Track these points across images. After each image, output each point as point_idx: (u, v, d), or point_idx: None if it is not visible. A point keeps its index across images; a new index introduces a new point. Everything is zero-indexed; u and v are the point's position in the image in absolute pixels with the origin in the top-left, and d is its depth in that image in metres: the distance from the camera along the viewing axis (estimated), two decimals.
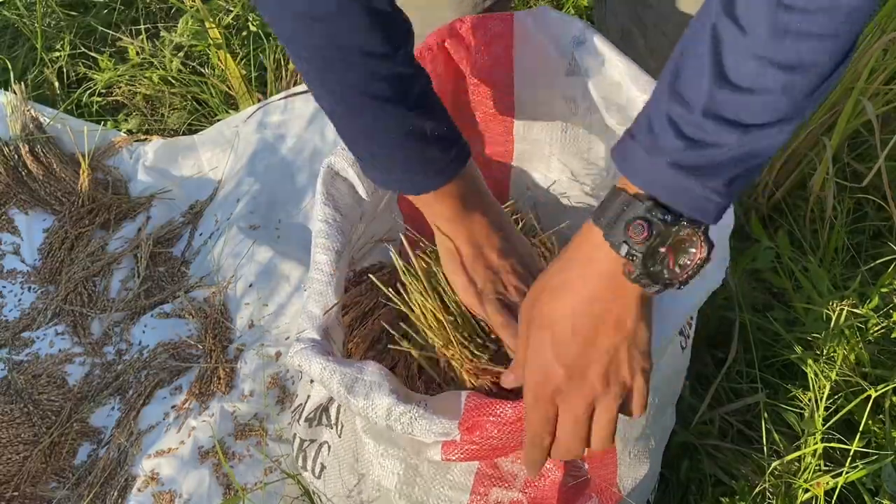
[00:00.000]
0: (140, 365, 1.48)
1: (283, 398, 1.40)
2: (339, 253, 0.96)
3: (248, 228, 1.63)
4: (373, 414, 0.85)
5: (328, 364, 0.87)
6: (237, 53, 1.96)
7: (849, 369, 1.27)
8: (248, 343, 1.47)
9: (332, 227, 0.97)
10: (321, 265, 0.95)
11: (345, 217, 0.99)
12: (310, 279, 0.95)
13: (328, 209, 0.98)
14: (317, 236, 0.97)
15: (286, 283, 1.53)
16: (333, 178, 1.01)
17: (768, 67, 0.66)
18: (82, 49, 2.01)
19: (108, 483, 1.33)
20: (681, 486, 1.28)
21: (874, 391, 1.15)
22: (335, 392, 0.86)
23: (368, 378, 0.86)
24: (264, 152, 1.76)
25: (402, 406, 0.84)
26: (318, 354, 0.87)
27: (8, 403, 1.41)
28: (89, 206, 1.71)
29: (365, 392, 0.85)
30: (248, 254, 1.57)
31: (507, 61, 1.08)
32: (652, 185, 0.72)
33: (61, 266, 1.64)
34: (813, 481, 1.14)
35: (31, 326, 1.56)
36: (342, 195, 1.01)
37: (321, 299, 0.93)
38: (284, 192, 1.71)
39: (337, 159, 1.01)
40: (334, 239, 0.96)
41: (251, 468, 1.32)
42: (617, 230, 0.73)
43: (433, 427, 0.83)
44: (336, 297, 0.94)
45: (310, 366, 0.87)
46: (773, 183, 1.60)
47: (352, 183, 1.02)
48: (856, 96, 1.45)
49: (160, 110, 1.94)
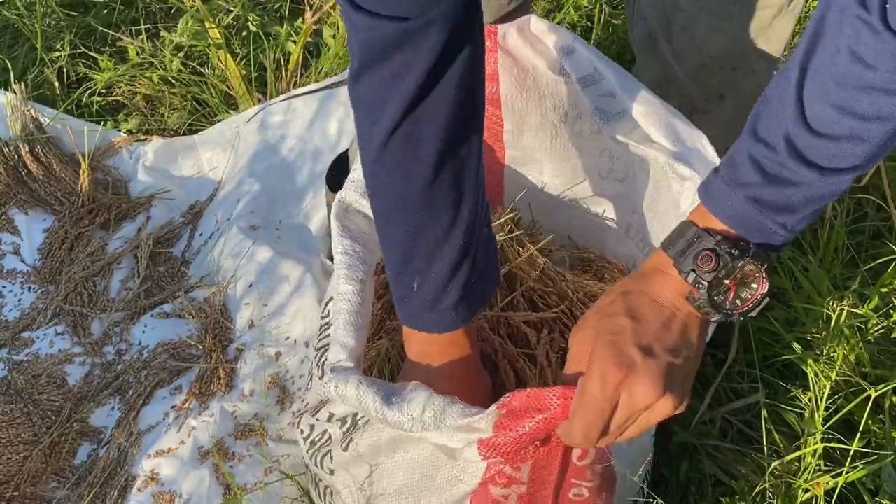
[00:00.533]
0: (140, 365, 1.48)
1: (283, 398, 1.40)
2: (364, 282, 0.97)
3: (249, 228, 1.63)
4: (409, 416, 0.84)
5: (364, 380, 0.87)
6: (237, 53, 1.96)
7: (849, 369, 1.27)
8: (248, 343, 1.47)
9: (352, 257, 0.98)
10: (348, 295, 0.96)
11: (364, 246, 1.00)
12: (337, 311, 0.95)
13: (346, 241, 0.99)
14: (338, 267, 0.98)
15: (286, 283, 1.53)
16: (346, 210, 1.02)
17: (847, 118, 0.71)
18: (82, 49, 2.01)
19: (108, 483, 1.33)
20: (680, 486, 1.28)
21: (874, 391, 1.15)
22: (371, 407, 0.86)
23: (407, 391, 0.87)
24: (265, 152, 1.76)
25: (439, 398, 0.84)
26: (353, 374, 0.88)
27: (8, 403, 1.41)
28: (89, 206, 1.71)
29: (401, 400, 0.85)
30: (248, 254, 1.57)
31: (493, 73, 1.09)
32: (727, 216, 0.79)
33: (61, 266, 1.64)
34: (813, 481, 1.14)
35: (31, 326, 1.56)
36: (358, 226, 1.02)
37: (352, 329, 0.93)
38: (285, 192, 1.71)
39: (349, 193, 1.02)
40: (356, 269, 0.97)
41: (251, 468, 1.32)
42: (686, 259, 0.79)
43: (467, 411, 0.83)
44: (366, 325, 0.95)
45: (346, 386, 0.87)
46: None
47: (366, 213, 1.02)
48: None
49: (160, 110, 1.94)
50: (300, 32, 1.97)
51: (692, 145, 1.00)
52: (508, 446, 0.85)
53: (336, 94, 1.79)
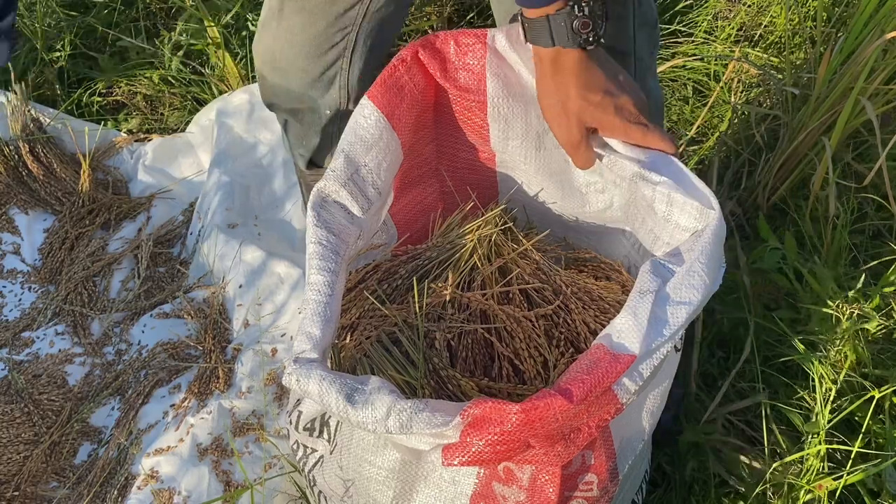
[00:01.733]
0: (139, 365, 1.48)
1: (280, 395, 1.40)
2: (336, 273, 0.96)
3: (228, 228, 1.63)
4: (372, 418, 0.83)
5: (327, 375, 0.85)
6: (237, 53, 1.96)
7: (850, 369, 1.26)
8: (245, 343, 1.48)
9: (326, 248, 0.97)
10: (318, 286, 0.94)
11: (338, 237, 0.99)
12: (306, 300, 0.94)
13: (321, 231, 0.98)
14: (311, 258, 0.96)
15: (278, 281, 1.53)
16: (324, 201, 1.01)
17: None
18: (82, 49, 2.01)
19: (108, 482, 1.33)
20: (684, 485, 1.28)
21: (877, 392, 1.15)
22: (333, 405, 0.84)
23: (369, 387, 0.85)
24: (236, 147, 1.76)
25: (404, 402, 0.83)
26: (316, 368, 0.86)
27: (8, 403, 1.41)
28: (90, 206, 1.71)
29: (364, 399, 0.83)
30: (235, 256, 1.57)
31: (482, 77, 1.09)
32: None
33: (61, 266, 1.64)
34: (815, 483, 1.14)
35: (32, 326, 1.56)
36: (334, 217, 1.01)
37: (319, 320, 0.92)
38: (259, 187, 1.70)
39: (327, 183, 1.02)
40: (329, 259, 0.96)
41: (250, 465, 1.32)
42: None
43: (434, 419, 0.82)
44: (335, 317, 0.94)
45: (308, 381, 0.85)
46: (774, 183, 1.60)
47: (343, 204, 1.02)
48: (854, 96, 1.45)
49: (160, 110, 1.94)
50: None
51: (656, 154, 1.00)
52: (471, 456, 0.84)
53: None
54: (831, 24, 1.86)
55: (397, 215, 1.19)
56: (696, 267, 0.88)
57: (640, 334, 0.84)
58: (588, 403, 0.82)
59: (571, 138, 1.02)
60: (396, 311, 1.04)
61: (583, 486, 0.93)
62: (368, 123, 1.04)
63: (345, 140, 1.05)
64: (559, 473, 0.90)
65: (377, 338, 1.04)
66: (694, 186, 0.96)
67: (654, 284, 0.87)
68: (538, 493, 0.91)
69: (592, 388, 0.82)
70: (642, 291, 0.87)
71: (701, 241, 0.91)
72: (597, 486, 0.94)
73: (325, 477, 1.01)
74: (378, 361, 1.02)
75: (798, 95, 1.62)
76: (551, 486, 0.90)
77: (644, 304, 0.86)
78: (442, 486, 0.93)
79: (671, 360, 1.02)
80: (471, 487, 0.92)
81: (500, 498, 0.92)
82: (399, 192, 1.15)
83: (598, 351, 0.84)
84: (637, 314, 0.85)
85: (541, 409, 0.80)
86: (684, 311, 0.87)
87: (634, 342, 0.84)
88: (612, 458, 0.96)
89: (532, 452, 0.87)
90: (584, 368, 0.83)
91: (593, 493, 0.94)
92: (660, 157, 1.00)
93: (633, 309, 0.86)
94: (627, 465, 0.98)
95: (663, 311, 0.87)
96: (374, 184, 1.04)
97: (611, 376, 0.82)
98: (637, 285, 0.88)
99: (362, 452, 0.95)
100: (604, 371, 0.82)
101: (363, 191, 1.03)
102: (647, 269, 0.89)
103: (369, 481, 0.96)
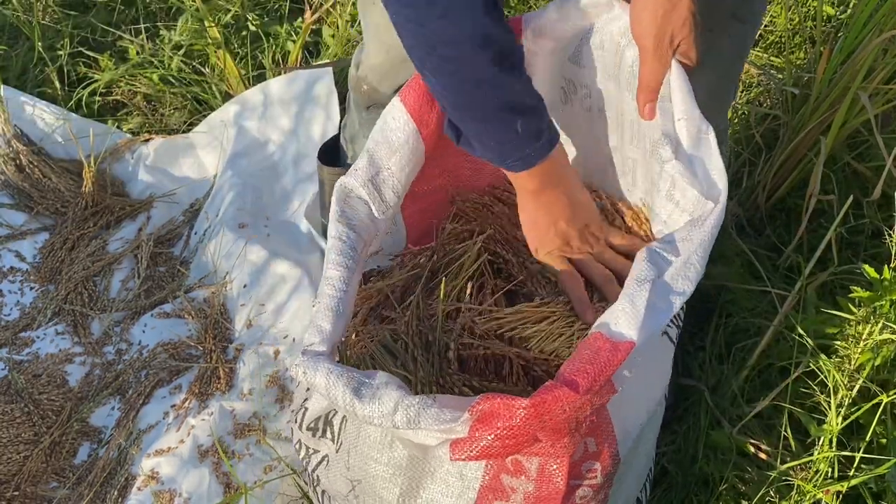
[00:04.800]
0: (140, 365, 1.48)
1: (282, 397, 1.40)
2: (352, 270, 0.96)
3: (238, 227, 1.63)
4: (379, 412, 0.83)
5: (334, 369, 0.85)
6: (237, 53, 1.96)
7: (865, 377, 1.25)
8: (247, 343, 1.47)
9: (345, 244, 0.98)
10: (333, 281, 0.95)
11: (358, 235, 0.99)
12: (321, 294, 0.94)
13: (342, 227, 0.99)
14: (329, 252, 0.97)
15: (282, 282, 1.53)
16: (348, 196, 1.02)
17: None
18: (82, 49, 2.00)
19: (109, 482, 1.33)
20: (686, 485, 1.28)
21: (886, 397, 1.14)
22: (340, 399, 0.85)
23: (376, 382, 0.85)
24: (250, 148, 1.76)
25: (411, 398, 0.83)
26: (324, 362, 0.86)
27: (8, 403, 1.41)
28: (93, 208, 1.71)
29: (371, 394, 0.84)
30: (240, 254, 1.57)
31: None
32: None
33: (61, 266, 1.64)
34: (822, 488, 1.14)
35: (32, 326, 1.55)
36: (357, 213, 1.01)
37: (331, 314, 0.93)
38: (270, 188, 1.71)
39: (351, 180, 1.02)
40: (347, 256, 0.97)
41: (251, 467, 1.32)
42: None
43: (442, 416, 0.82)
44: (347, 313, 0.94)
45: (315, 374, 0.85)
46: (774, 183, 1.60)
47: (366, 201, 1.02)
48: (852, 95, 1.45)
49: (160, 110, 1.94)
50: (299, 32, 1.97)
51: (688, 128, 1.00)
52: (480, 450, 0.84)
53: (316, 87, 1.80)
54: (831, 23, 1.86)
55: (410, 218, 1.19)
56: (693, 259, 0.91)
57: (637, 321, 0.85)
58: (593, 393, 0.83)
59: None
60: (405, 317, 1.04)
61: (587, 473, 0.94)
62: (397, 126, 1.05)
63: (372, 139, 1.05)
64: (567, 462, 0.90)
65: (381, 341, 1.04)
66: (706, 173, 0.97)
67: (650, 273, 0.89)
68: (547, 482, 0.91)
69: (597, 377, 0.83)
70: (639, 280, 0.88)
71: (700, 233, 0.92)
72: (600, 473, 0.94)
73: (330, 477, 1.01)
74: (381, 363, 1.02)
75: (798, 95, 1.62)
76: (560, 476, 0.90)
77: (641, 292, 0.87)
78: (449, 480, 0.93)
79: (665, 348, 1.04)
80: (478, 481, 0.92)
81: (508, 490, 0.92)
82: (414, 195, 1.15)
83: (598, 340, 0.85)
84: (634, 302, 0.86)
85: (549, 402, 0.81)
86: (679, 301, 0.89)
87: (632, 329, 0.85)
88: (612, 444, 0.96)
89: (540, 445, 0.88)
90: (586, 358, 0.84)
91: (597, 479, 0.94)
92: (694, 130, 0.99)
93: (631, 297, 0.87)
94: (627, 449, 0.99)
95: (659, 300, 0.88)
96: (393, 187, 1.05)
97: (613, 365, 0.84)
98: (633, 273, 0.89)
99: (368, 450, 0.95)
100: (605, 360, 0.84)
101: (382, 194, 1.04)
102: (644, 258, 0.91)
103: (376, 479, 0.96)
